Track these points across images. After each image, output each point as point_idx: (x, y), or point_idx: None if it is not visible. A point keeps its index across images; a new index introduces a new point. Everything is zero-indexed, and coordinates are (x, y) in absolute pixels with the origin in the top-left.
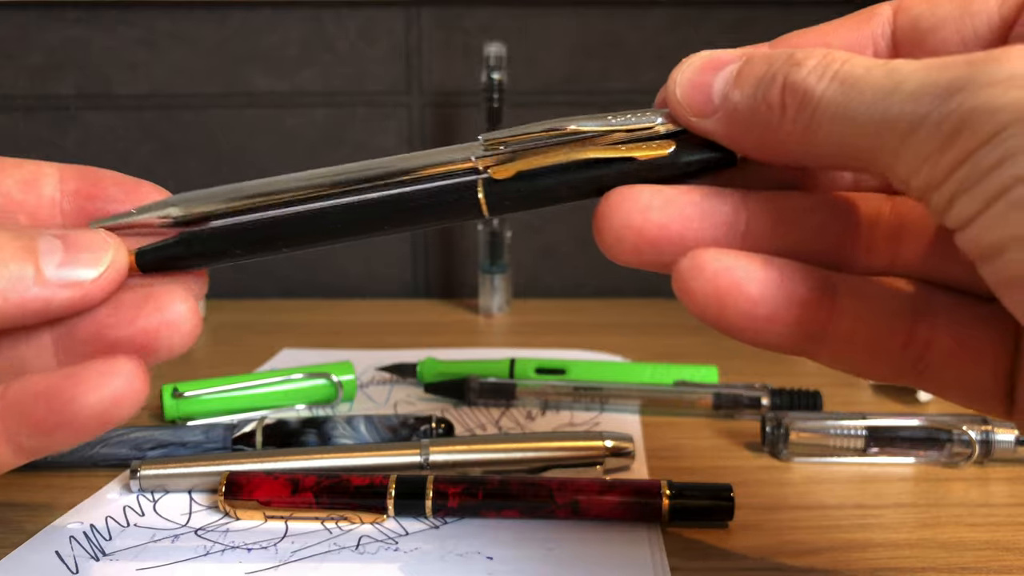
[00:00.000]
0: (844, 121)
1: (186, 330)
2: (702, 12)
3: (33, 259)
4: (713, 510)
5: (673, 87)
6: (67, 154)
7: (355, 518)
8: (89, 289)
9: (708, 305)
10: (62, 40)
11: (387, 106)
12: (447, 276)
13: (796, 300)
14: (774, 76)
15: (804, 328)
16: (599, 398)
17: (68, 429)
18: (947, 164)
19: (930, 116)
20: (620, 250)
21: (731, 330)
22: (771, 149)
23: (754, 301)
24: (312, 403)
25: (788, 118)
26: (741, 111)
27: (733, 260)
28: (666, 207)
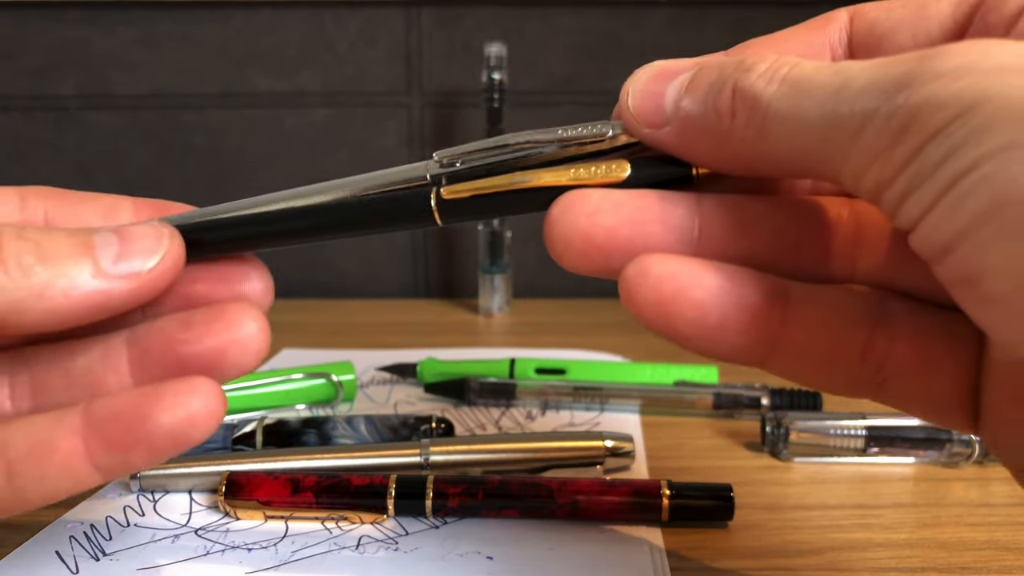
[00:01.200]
0: (794, 124)
1: (254, 349)
2: (702, 12)
3: (91, 254)
4: (713, 510)
5: (625, 98)
6: (67, 154)
7: (355, 518)
8: (147, 279)
9: (654, 313)
10: (62, 40)
11: (387, 106)
12: (447, 276)
13: (746, 307)
14: (724, 82)
15: (755, 337)
16: (599, 398)
17: (144, 448)
18: (897, 161)
19: (878, 112)
20: (569, 256)
21: (680, 338)
22: (725, 158)
23: (701, 308)
24: (312, 403)
25: (739, 124)
26: (693, 120)
27: (679, 265)
28: (615, 211)
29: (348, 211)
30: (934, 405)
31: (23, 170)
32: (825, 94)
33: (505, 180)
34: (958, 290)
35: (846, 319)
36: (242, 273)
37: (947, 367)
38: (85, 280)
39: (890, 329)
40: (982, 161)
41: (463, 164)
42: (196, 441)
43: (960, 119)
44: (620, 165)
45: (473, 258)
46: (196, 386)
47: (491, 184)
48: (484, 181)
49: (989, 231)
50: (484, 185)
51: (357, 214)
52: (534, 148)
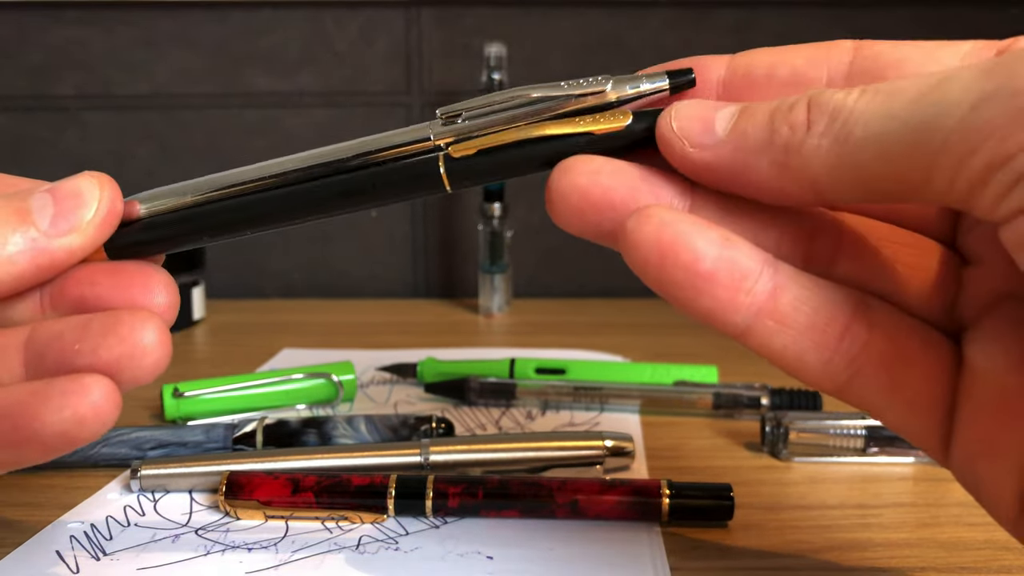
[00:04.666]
0: (884, 121)
1: (150, 362)
2: (702, 12)
3: (28, 219)
4: (713, 510)
5: (668, 120)
6: (67, 154)
7: (355, 518)
8: (88, 231)
9: (650, 255)
10: (62, 40)
11: (387, 106)
12: (447, 276)
13: (738, 265)
14: (795, 101)
15: (741, 297)
16: (599, 398)
17: (34, 446)
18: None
19: (1001, 90)
20: (564, 209)
21: (669, 284)
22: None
23: (696, 255)
24: (312, 403)
25: (815, 132)
26: (754, 137)
27: (680, 216)
28: (615, 173)
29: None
30: (904, 410)
31: (23, 170)
32: (920, 91)
33: (513, 133)
34: None
35: (829, 299)
36: (145, 280)
37: (920, 369)
38: (28, 246)
39: (870, 319)
40: None
41: (467, 119)
42: (87, 439)
43: None
44: (623, 113)
45: (473, 258)
46: (85, 384)
47: (499, 138)
48: (492, 136)
49: None
50: (492, 140)
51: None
52: (537, 102)
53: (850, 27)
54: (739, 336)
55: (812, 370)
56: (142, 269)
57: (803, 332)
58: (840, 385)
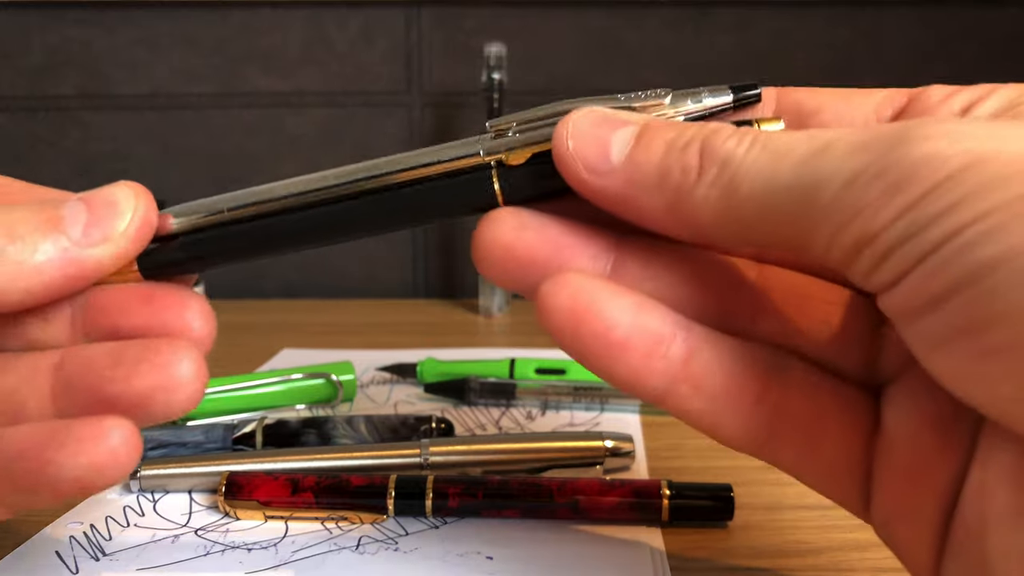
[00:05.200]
0: (768, 183)
1: (186, 394)
2: (701, 12)
3: (60, 227)
4: (713, 510)
5: (564, 138)
6: (68, 154)
7: (355, 518)
8: (121, 243)
9: (564, 323)
10: (62, 40)
11: (387, 106)
12: (447, 276)
13: (652, 333)
14: (690, 140)
15: (655, 365)
16: (599, 398)
17: (47, 492)
18: (887, 215)
19: (869, 168)
20: (488, 265)
21: (583, 352)
22: (673, 218)
23: (608, 324)
24: (312, 403)
25: (705, 181)
26: (648, 174)
27: (594, 283)
28: (540, 230)
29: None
30: (822, 471)
31: (24, 170)
32: (803, 155)
33: None
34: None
35: (744, 363)
36: (182, 307)
37: (838, 429)
38: (58, 255)
39: (785, 380)
40: (993, 211)
41: (517, 132)
42: (104, 487)
43: (964, 172)
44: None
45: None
46: (104, 429)
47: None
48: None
49: (1002, 276)
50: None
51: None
52: None
53: (850, 28)
54: (657, 401)
55: (728, 433)
56: (178, 294)
57: (718, 397)
58: (758, 447)
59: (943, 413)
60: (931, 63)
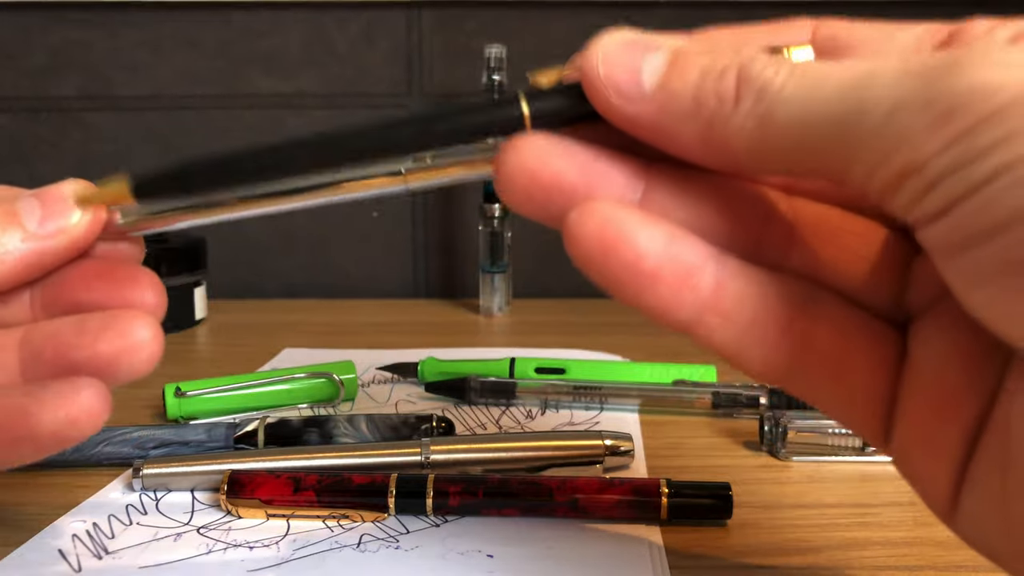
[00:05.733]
0: (806, 111)
1: (145, 355)
2: (702, 13)
3: (16, 220)
4: (712, 508)
5: (594, 63)
6: (69, 155)
7: (356, 516)
8: (74, 233)
9: (592, 251)
10: (64, 41)
11: (388, 107)
12: (447, 276)
13: (682, 262)
14: (726, 67)
15: (685, 294)
16: (599, 397)
17: (28, 445)
18: (933, 146)
19: (915, 98)
20: (512, 192)
21: (612, 281)
22: (708, 147)
23: (639, 253)
24: (314, 402)
25: (741, 110)
26: (681, 101)
27: (624, 212)
28: (565, 156)
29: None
30: (845, 401)
31: (26, 171)
32: (845, 83)
33: None
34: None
35: (774, 294)
36: (135, 282)
37: (864, 362)
38: (16, 245)
39: (814, 312)
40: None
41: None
42: (78, 439)
43: (1017, 103)
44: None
45: (473, 258)
46: (78, 387)
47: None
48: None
49: None
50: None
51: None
52: None
53: None
54: (684, 330)
55: (755, 363)
56: (130, 271)
57: (746, 327)
58: (782, 377)
59: (972, 349)
60: None
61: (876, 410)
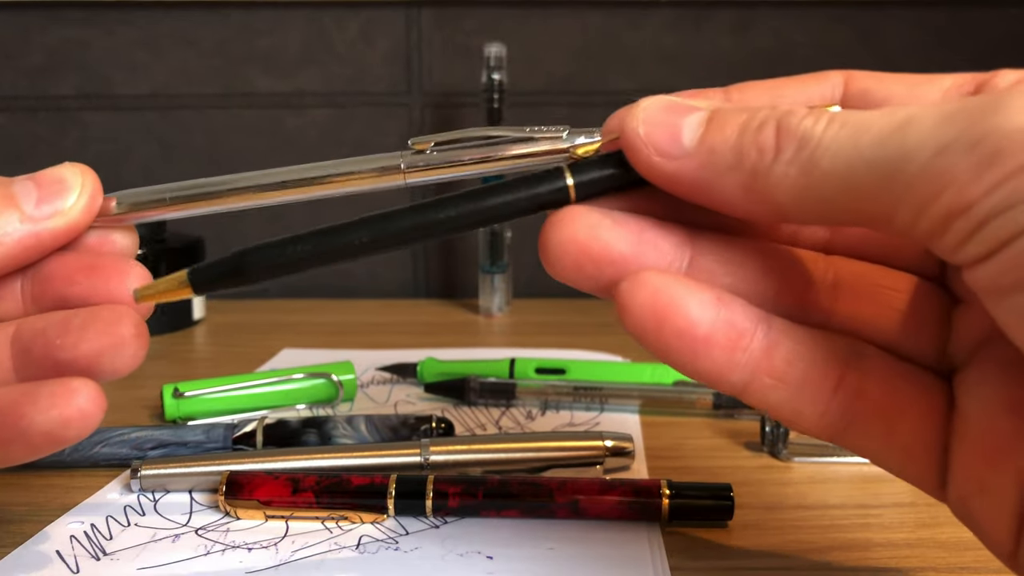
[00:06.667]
0: (850, 155)
1: (129, 353)
2: (701, 13)
3: (13, 203)
4: (713, 510)
5: (635, 124)
6: (68, 154)
7: (355, 517)
8: (72, 215)
9: (646, 321)
10: (62, 41)
11: (387, 106)
12: (447, 276)
13: (734, 326)
14: (765, 120)
15: (738, 358)
16: (599, 398)
17: (21, 445)
18: (982, 186)
19: (961, 138)
20: (561, 265)
21: (666, 349)
22: (749, 198)
23: (691, 320)
24: (313, 403)
25: (783, 159)
26: (722, 156)
27: (674, 280)
28: (614, 227)
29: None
30: (900, 452)
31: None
32: (887, 128)
33: None
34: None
35: (823, 352)
36: (122, 275)
37: (914, 412)
38: (14, 227)
39: (862, 368)
40: None
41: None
42: (71, 441)
43: None
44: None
45: (473, 258)
46: (72, 388)
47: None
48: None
49: None
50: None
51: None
52: None
53: (850, 28)
54: (738, 393)
55: (809, 421)
56: (118, 264)
57: (798, 386)
58: (837, 433)
59: (1019, 395)
60: (931, 63)
61: (930, 460)
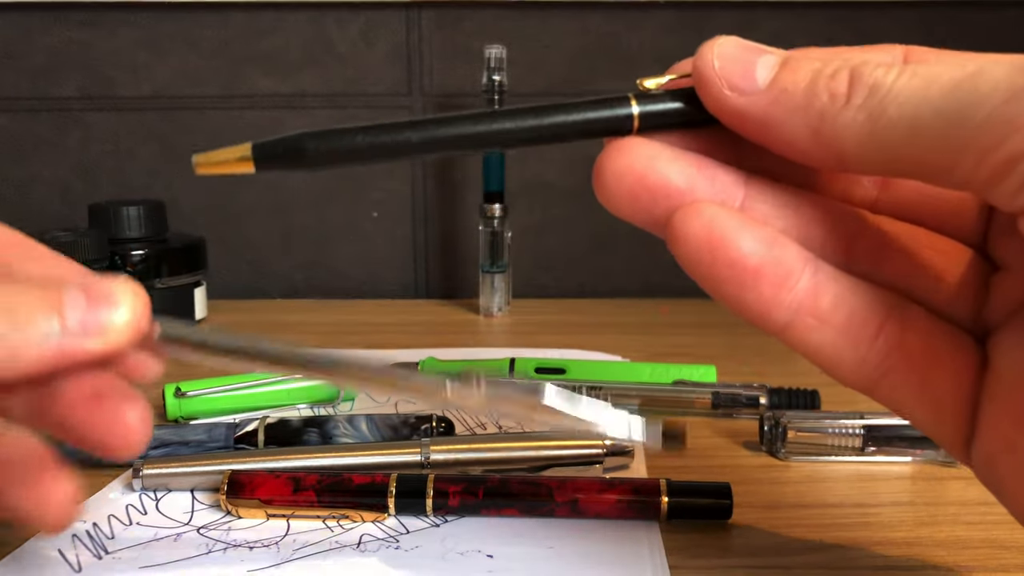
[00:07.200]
0: (919, 104)
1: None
2: (701, 14)
3: (59, 310)
4: (712, 509)
5: (711, 58)
6: (70, 155)
7: (356, 516)
8: (113, 336)
9: (699, 249)
10: (64, 41)
11: (388, 107)
12: (447, 276)
13: (783, 263)
14: (839, 68)
15: (785, 292)
16: (599, 397)
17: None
18: None
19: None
20: (617, 192)
21: (716, 279)
22: (816, 142)
23: (743, 252)
24: (314, 402)
25: (853, 104)
26: (793, 96)
27: (729, 213)
28: (673, 161)
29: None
30: (932, 409)
31: (26, 171)
32: (956, 78)
33: None
34: None
35: (867, 299)
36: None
37: (950, 367)
38: (53, 337)
39: (904, 320)
40: None
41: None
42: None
43: None
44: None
45: (473, 258)
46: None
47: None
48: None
49: None
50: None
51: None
52: None
53: (850, 28)
54: (778, 332)
55: (847, 367)
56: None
57: (840, 330)
58: (872, 383)
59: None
60: None
61: (959, 418)
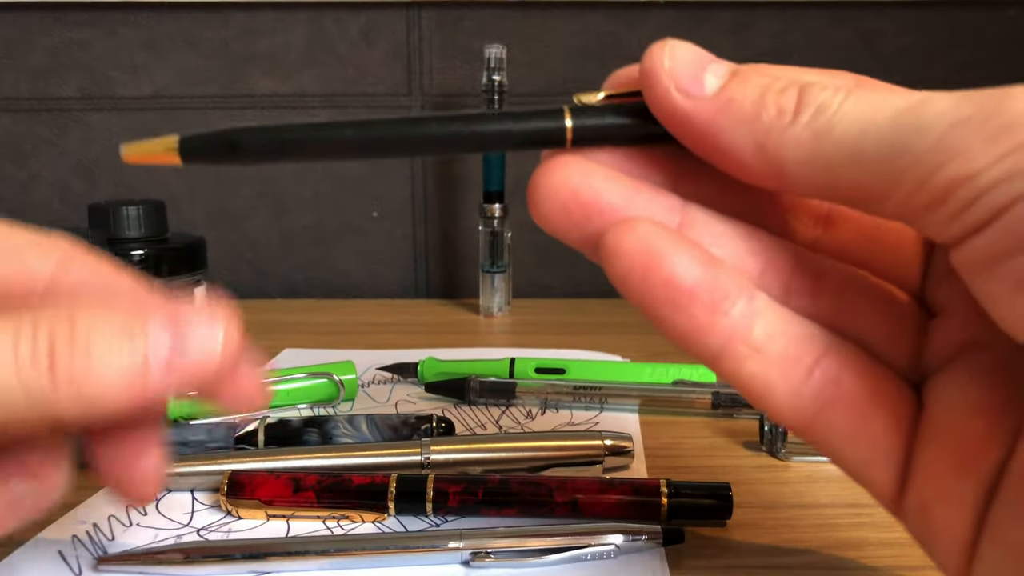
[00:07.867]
0: (865, 128)
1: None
2: (701, 14)
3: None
4: (712, 509)
5: (661, 57)
6: (70, 155)
7: (356, 517)
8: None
9: (632, 268)
10: (64, 42)
11: (388, 107)
12: (447, 276)
13: (719, 287)
14: (788, 84)
15: (719, 317)
16: (598, 397)
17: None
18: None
19: (973, 115)
20: (550, 208)
21: (649, 299)
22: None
23: (678, 272)
24: (314, 402)
25: (799, 122)
26: (740, 107)
27: (665, 231)
28: (609, 180)
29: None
30: (864, 453)
31: (26, 171)
32: (904, 105)
33: None
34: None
35: (803, 332)
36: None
37: (886, 408)
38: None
39: (841, 358)
40: None
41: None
42: None
43: None
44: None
45: (473, 258)
46: None
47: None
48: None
49: None
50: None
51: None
52: None
53: (849, 28)
54: (711, 359)
55: (779, 400)
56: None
57: (774, 361)
58: (805, 420)
59: (990, 399)
60: (931, 63)
61: (893, 464)
